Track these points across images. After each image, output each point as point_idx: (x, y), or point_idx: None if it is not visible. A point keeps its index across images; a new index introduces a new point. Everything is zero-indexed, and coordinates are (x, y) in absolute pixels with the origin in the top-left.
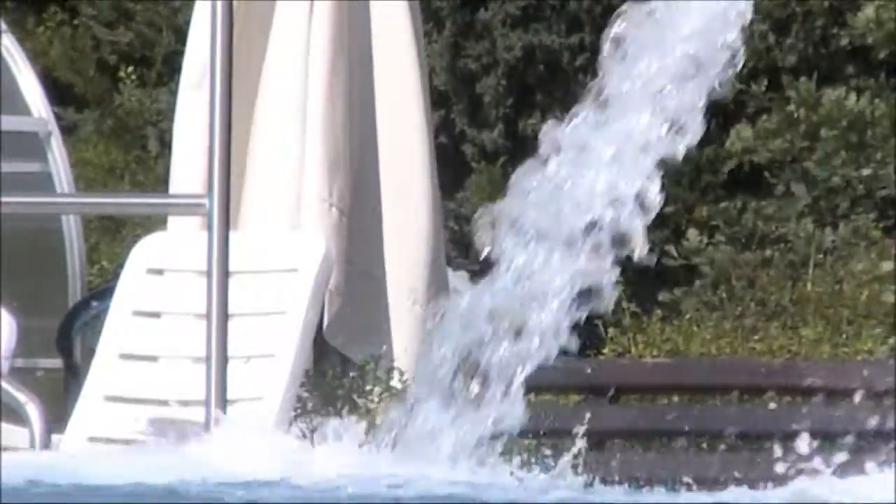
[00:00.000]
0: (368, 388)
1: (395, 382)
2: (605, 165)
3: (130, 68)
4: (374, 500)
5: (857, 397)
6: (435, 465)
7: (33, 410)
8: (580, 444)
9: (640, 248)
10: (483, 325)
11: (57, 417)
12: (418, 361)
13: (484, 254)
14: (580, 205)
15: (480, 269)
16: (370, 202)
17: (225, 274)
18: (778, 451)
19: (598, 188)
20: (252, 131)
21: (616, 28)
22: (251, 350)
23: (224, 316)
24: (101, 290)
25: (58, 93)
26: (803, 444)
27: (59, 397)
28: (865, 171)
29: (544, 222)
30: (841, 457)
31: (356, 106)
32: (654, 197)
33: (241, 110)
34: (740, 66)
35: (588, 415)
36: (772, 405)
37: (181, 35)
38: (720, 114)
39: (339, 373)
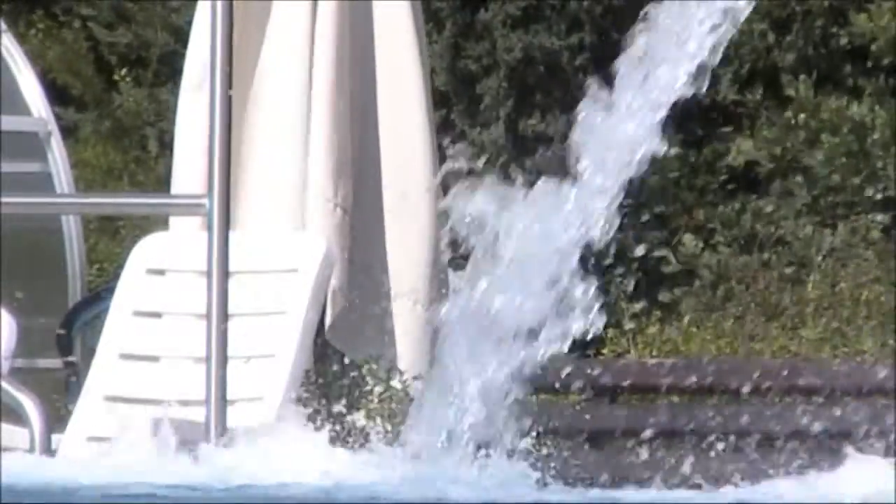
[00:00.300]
0: (369, 388)
1: (396, 382)
2: None
3: (125, 70)
4: (375, 500)
5: (857, 397)
6: (436, 465)
7: (33, 410)
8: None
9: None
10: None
11: (57, 417)
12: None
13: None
14: None
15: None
16: (372, 202)
17: (225, 274)
18: (777, 450)
19: None
20: (253, 132)
21: None
22: (251, 350)
23: (224, 316)
24: (100, 290)
25: (56, 94)
26: (803, 443)
27: (60, 397)
28: (865, 174)
29: None
30: (841, 456)
31: (358, 106)
32: None
33: (242, 111)
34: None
35: (588, 415)
36: (772, 405)
37: (178, 35)
38: (720, 115)
39: (339, 373)
